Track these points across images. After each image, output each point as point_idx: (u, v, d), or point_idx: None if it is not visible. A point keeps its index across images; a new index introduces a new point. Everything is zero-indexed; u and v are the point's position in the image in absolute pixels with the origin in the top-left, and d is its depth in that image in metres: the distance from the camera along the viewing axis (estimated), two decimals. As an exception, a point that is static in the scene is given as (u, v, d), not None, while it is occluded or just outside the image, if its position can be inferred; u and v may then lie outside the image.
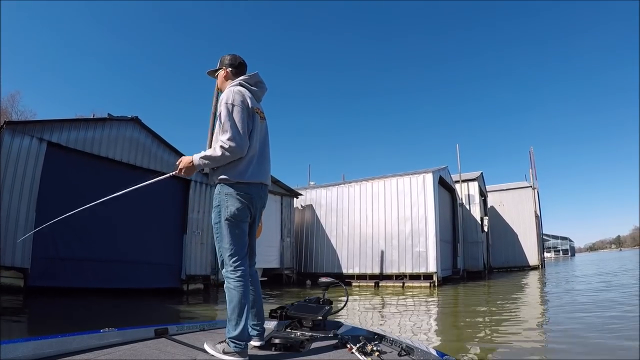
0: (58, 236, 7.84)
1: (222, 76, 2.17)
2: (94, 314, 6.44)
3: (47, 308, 6.76)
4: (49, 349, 1.64)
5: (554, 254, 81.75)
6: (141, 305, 8.03)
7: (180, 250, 10.67)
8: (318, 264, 16.25)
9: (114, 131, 9.19)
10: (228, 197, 1.97)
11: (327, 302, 2.77)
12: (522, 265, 24.36)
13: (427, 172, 14.39)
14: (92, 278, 8.29)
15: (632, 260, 25.90)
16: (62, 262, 7.83)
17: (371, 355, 1.90)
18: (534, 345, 4.32)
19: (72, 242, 8.05)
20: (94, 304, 7.37)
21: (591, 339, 4.21)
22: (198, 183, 11.35)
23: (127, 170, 9.47)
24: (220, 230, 1.99)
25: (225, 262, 1.99)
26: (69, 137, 8.21)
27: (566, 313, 6.22)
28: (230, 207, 1.96)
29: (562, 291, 10.44)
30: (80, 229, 8.22)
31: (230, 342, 1.90)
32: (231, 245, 1.98)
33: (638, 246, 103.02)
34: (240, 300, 1.93)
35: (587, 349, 3.83)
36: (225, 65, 2.16)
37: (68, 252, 7.93)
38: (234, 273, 1.96)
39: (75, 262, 8.04)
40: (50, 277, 7.56)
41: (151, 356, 1.77)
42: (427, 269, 13.30)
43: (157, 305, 8.21)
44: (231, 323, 1.92)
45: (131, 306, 7.75)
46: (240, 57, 2.22)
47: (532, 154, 27.42)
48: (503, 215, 25.23)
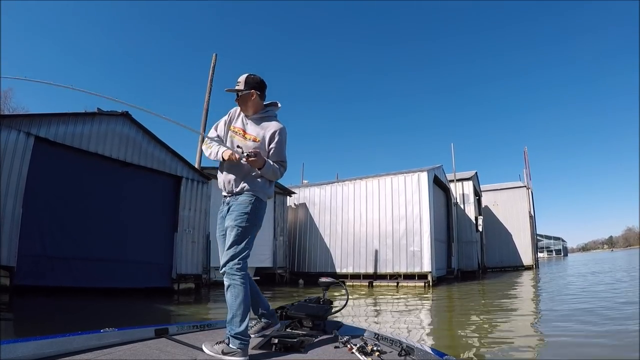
0: (46, 234, 7.74)
1: (253, 98, 2.30)
2: (78, 314, 6.33)
3: (27, 310, 6.65)
4: (49, 349, 1.66)
5: (546, 254, 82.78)
6: (130, 305, 7.96)
7: (171, 249, 10.59)
8: (311, 263, 16.28)
9: (103, 126, 9.08)
10: (258, 210, 2.22)
11: (327, 302, 2.78)
12: (516, 265, 24.68)
13: (422, 170, 14.48)
14: (80, 277, 8.20)
15: (627, 260, 26.36)
16: (50, 260, 7.73)
17: (371, 355, 1.93)
18: (530, 344, 4.38)
19: (61, 240, 7.94)
20: (80, 304, 7.29)
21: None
22: (189, 180, 11.28)
23: (117, 167, 9.37)
24: (242, 233, 2.15)
25: (235, 260, 2.12)
26: (57, 132, 8.08)
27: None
28: (260, 217, 2.24)
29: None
30: (68, 226, 8.13)
31: (235, 339, 1.95)
32: (246, 247, 2.15)
33: (630, 247, 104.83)
34: (246, 296, 2.07)
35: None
36: (255, 88, 2.30)
37: (56, 250, 7.83)
38: (240, 271, 2.10)
39: (63, 261, 7.94)
40: (38, 276, 7.46)
41: (151, 356, 1.79)
42: (422, 268, 13.41)
43: (146, 306, 8.15)
44: (236, 319, 2.00)
45: (119, 306, 7.68)
46: (262, 79, 2.39)
47: (526, 154, 27.80)
48: (497, 215, 25.51)
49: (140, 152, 9.93)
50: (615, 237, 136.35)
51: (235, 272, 2.08)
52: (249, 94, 2.27)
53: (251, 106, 2.29)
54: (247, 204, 2.18)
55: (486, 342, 4.54)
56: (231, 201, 2.24)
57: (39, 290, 7.39)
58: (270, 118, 2.33)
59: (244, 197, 2.21)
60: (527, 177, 26.79)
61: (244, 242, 2.14)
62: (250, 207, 2.18)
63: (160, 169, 10.45)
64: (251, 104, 2.29)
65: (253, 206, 2.18)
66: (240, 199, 2.21)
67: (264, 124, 2.29)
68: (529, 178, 26.72)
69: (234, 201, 2.22)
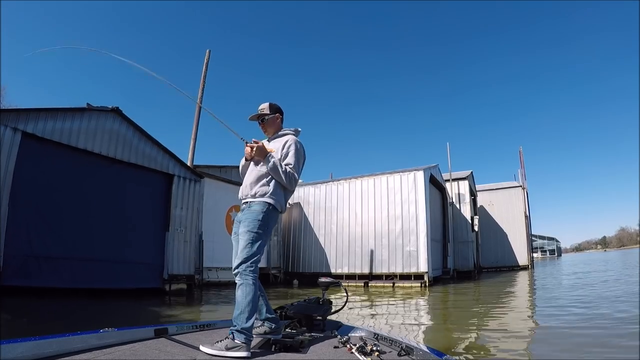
0: (33, 233, 7.61)
1: (278, 120, 2.68)
2: (64, 318, 6.17)
3: (12, 312, 6.51)
4: (49, 349, 1.69)
5: (540, 254, 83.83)
6: (119, 307, 7.85)
7: (162, 249, 10.49)
8: (306, 263, 16.26)
9: (93, 122, 8.95)
10: (271, 218, 2.40)
11: (326, 302, 2.83)
12: (511, 265, 24.89)
13: (419, 169, 14.52)
14: (68, 277, 8.07)
15: (621, 260, 26.74)
16: (37, 260, 7.60)
17: (371, 355, 1.96)
18: (527, 344, 4.41)
19: (48, 239, 7.81)
20: (67, 306, 7.14)
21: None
22: (181, 178, 11.19)
23: (107, 164, 9.26)
24: (255, 238, 2.31)
25: (247, 263, 2.27)
26: (45, 127, 7.94)
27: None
28: (271, 226, 2.43)
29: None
30: (56, 225, 8.00)
31: (241, 333, 2.04)
32: (258, 251, 2.31)
33: (623, 247, 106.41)
34: (255, 295, 2.22)
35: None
36: (278, 112, 2.67)
37: (43, 249, 7.70)
38: (252, 272, 2.26)
39: (51, 261, 7.81)
40: (24, 276, 7.32)
41: (151, 356, 1.82)
42: (418, 268, 13.45)
43: (136, 307, 8.04)
44: (243, 315, 2.12)
45: (108, 308, 7.57)
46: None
47: (522, 153, 28.02)
48: (492, 215, 25.70)
49: (131, 149, 9.82)
50: (608, 237, 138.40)
51: (248, 273, 2.24)
52: (275, 117, 2.64)
53: (274, 128, 2.64)
54: (259, 212, 2.35)
55: (486, 342, 4.55)
56: (246, 207, 2.43)
57: (26, 292, 7.25)
58: (288, 134, 2.63)
59: (258, 205, 2.39)
60: (522, 177, 27.03)
61: (256, 247, 2.29)
62: (262, 215, 2.34)
63: (152, 167, 10.34)
64: (275, 126, 2.64)
65: (265, 214, 2.35)
66: (254, 207, 2.39)
67: (282, 138, 2.59)
68: (524, 178, 26.96)
69: (248, 208, 2.42)
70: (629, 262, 24.29)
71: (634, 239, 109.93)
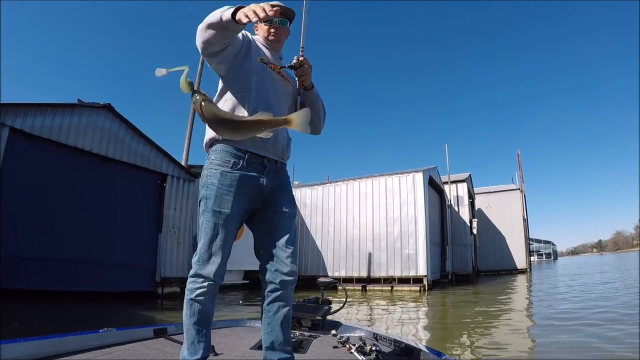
0: (20, 233, 7.42)
1: (287, 35, 1.95)
2: (52, 321, 6.00)
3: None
4: (49, 349, 1.72)
5: (537, 258, 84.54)
6: (110, 310, 7.68)
7: (155, 251, 10.34)
8: (302, 266, 16.11)
9: (84, 119, 8.78)
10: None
11: (326, 302, 2.89)
12: (509, 268, 24.96)
13: (417, 171, 14.49)
14: (57, 280, 7.89)
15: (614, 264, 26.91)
16: (24, 262, 7.41)
17: (370, 355, 1.98)
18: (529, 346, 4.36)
19: (36, 240, 7.64)
20: (55, 310, 6.96)
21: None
22: (175, 178, 11.03)
23: (98, 162, 9.09)
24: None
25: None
26: (33, 124, 7.77)
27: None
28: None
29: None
30: (45, 225, 7.82)
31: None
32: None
33: (619, 250, 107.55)
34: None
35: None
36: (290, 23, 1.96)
37: (31, 250, 7.51)
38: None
39: (39, 262, 7.63)
40: (11, 279, 7.12)
41: (150, 356, 1.86)
42: (417, 272, 13.37)
43: (128, 311, 7.86)
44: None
45: (97, 312, 7.40)
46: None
47: (520, 156, 28.16)
48: (490, 218, 25.78)
49: (123, 147, 9.66)
50: (604, 240, 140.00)
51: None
52: (287, 29, 1.80)
53: (281, 44, 1.81)
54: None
55: (486, 342, 4.51)
56: (280, 170, 1.69)
57: (13, 294, 7.04)
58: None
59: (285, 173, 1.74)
60: (520, 180, 27.17)
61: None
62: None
63: (144, 166, 10.19)
64: (283, 41, 1.81)
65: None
66: (287, 174, 1.73)
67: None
68: (522, 181, 27.10)
69: (284, 174, 1.72)
70: (626, 267, 24.42)
71: (629, 243, 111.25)
